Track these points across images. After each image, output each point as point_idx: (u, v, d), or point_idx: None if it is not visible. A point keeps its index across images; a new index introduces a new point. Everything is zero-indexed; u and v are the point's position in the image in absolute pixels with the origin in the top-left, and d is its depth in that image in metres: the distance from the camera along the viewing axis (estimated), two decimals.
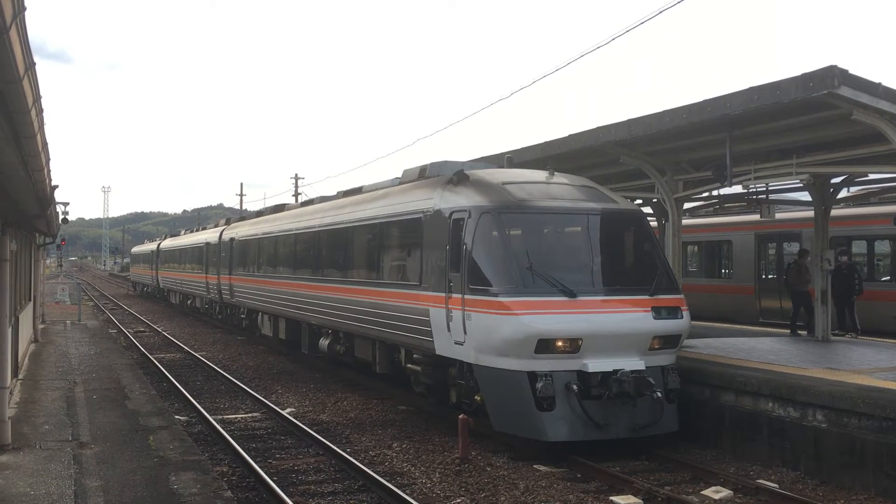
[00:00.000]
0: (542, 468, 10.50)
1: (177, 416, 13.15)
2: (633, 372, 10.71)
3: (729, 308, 22.38)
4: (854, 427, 9.76)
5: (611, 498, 9.30)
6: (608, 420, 10.63)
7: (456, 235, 11.76)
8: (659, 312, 11.24)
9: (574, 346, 10.68)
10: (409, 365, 13.67)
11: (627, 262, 12.53)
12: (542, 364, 10.61)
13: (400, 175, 15.96)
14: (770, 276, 22.57)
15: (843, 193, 17.78)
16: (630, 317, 11.07)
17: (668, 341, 11.35)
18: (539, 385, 10.47)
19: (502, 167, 14.18)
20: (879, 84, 10.61)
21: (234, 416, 14.14)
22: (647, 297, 11.30)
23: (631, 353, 10.96)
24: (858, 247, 20.23)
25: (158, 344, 26.07)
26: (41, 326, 25.14)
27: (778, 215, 19.33)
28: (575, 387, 10.57)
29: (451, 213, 12.04)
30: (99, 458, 9.26)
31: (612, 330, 10.87)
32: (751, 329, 18.80)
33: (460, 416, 11.03)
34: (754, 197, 17.77)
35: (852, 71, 10.39)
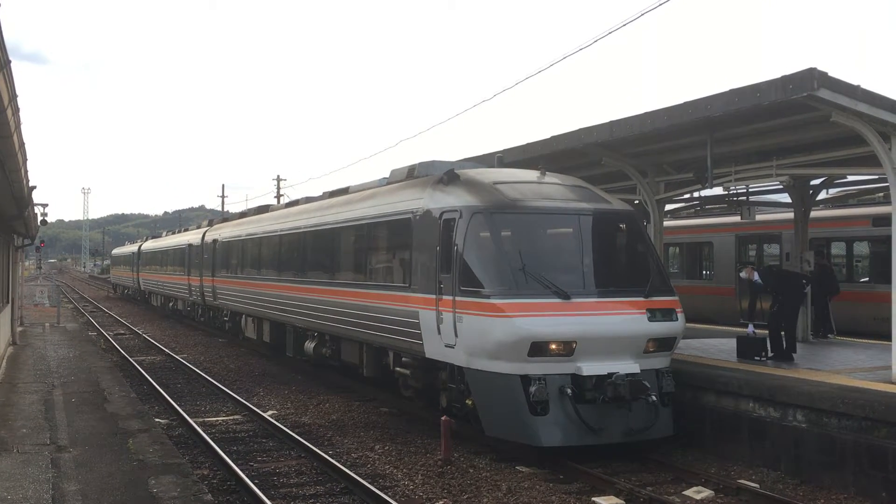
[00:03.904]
0: (524, 469, 10.51)
1: (157, 419, 13.05)
2: (628, 375, 10.51)
3: (710, 309, 22.49)
4: (834, 427, 9.83)
5: (593, 499, 9.32)
6: (603, 424, 10.41)
7: (446, 236, 11.54)
8: (654, 314, 11.01)
9: (568, 348, 10.46)
10: (398, 368, 13.39)
11: (621, 262, 12.34)
12: (536, 367, 10.39)
13: (386, 175, 15.81)
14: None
15: (822, 195, 17.93)
16: (625, 319, 10.85)
17: (663, 344, 11.16)
18: (532, 389, 10.25)
19: (492, 167, 13.97)
20: (858, 86, 10.69)
21: (215, 418, 14.05)
22: (641, 298, 11.09)
23: (625, 355, 10.76)
24: (837, 248, 20.39)
25: (139, 346, 25.88)
26: (19, 329, 24.87)
27: (758, 217, 19.44)
28: (569, 390, 10.36)
29: (442, 214, 11.82)
30: (77, 461, 9.16)
31: (607, 332, 10.66)
32: (731, 330, 18.88)
33: (443, 418, 11.01)
34: (735, 199, 17.87)
35: (832, 73, 10.47)
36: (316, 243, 17.41)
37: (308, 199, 20.62)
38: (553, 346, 10.43)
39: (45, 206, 24.24)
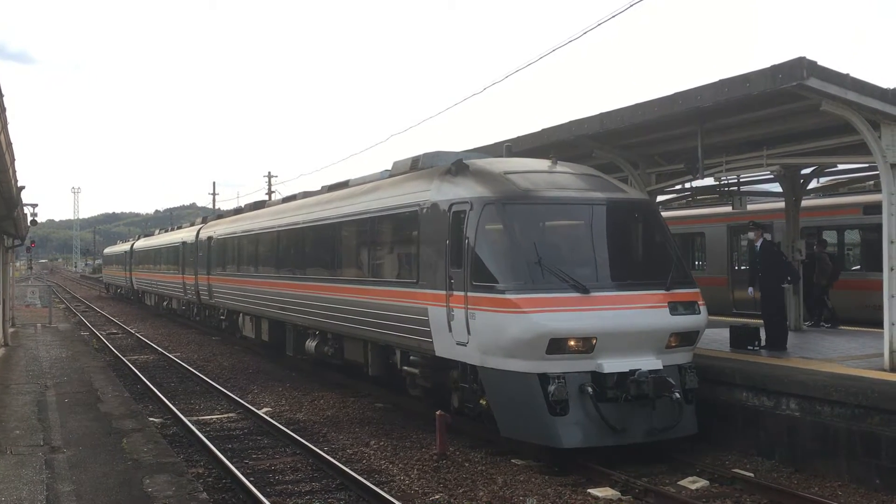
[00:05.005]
0: (519, 462, 10.52)
1: (151, 419, 13.02)
2: (651, 372, 10.08)
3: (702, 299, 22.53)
4: (827, 415, 9.87)
5: (588, 490, 9.33)
6: (625, 424, 9.97)
7: (456, 229, 11.09)
8: (676, 308, 10.58)
9: (588, 345, 10.02)
10: (406, 367, 12.91)
11: (640, 254, 11.87)
12: (554, 365, 9.94)
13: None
14: (743, 268, 22.77)
15: (812, 184, 17.97)
16: (646, 313, 10.38)
17: (686, 338, 10.73)
18: (551, 388, 9.79)
19: (499, 157, 13.50)
20: (847, 75, 10.71)
21: (209, 416, 14.02)
22: (662, 291, 10.62)
23: (647, 351, 10.33)
24: (829, 237, 20.45)
25: (132, 346, 25.81)
26: (11, 330, 24.77)
27: (749, 207, 19.48)
28: (590, 389, 9.91)
29: (451, 206, 11.34)
30: (71, 462, 9.13)
31: (628, 327, 10.20)
32: (724, 320, 18.94)
33: (437, 413, 10.99)
34: (726, 189, 17.90)
35: (821, 62, 10.48)
36: (316, 239, 16.93)
37: (306, 194, 20.13)
38: (572, 343, 9.97)
39: (34, 206, 24.21)
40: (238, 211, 26.97)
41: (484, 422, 11.19)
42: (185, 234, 31.83)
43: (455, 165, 11.86)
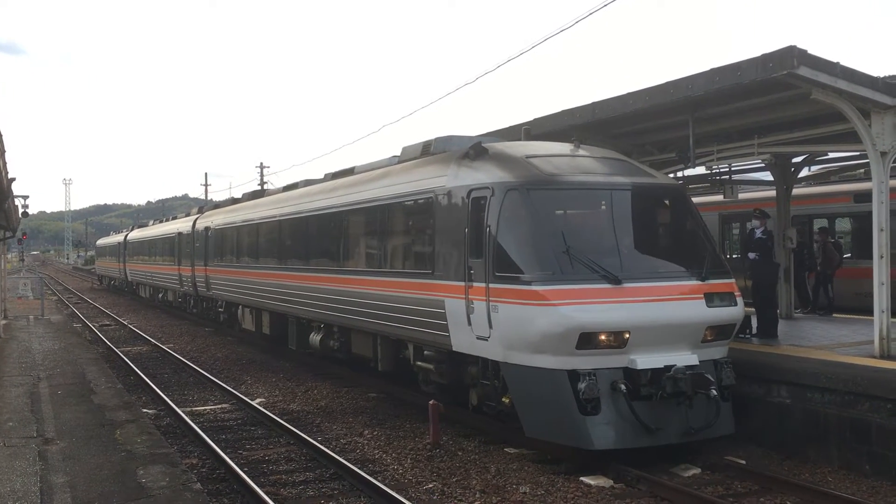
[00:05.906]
0: (512, 451, 10.57)
1: (144, 410, 13.04)
2: (688, 368, 9.55)
3: None
4: (817, 402, 9.94)
5: (581, 478, 9.38)
6: (660, 423, 9.43)
7: (476, 216, 10.52)
8: (712, 299, 9.99)
9: (620, 339, 9.44)
10: (419, 362, 12.36)
11: (673, 243, 11.36)
12: (585, 361, 9.37)
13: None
14: (734, 256, 22.84)
15: (804, 172, 18.03)
16: (681, 305, 9.80)
17: (722, 332, 10.17)
18: (582, 385, 9.22)
19: (517, 140, 13.03)
20: (837, 64, 10.73)
21: (203, 407, 14.04)
22: (698, 282, 10.04)
23: (682, 346, 9.77)
24: (820, 225, 20.55)
25: (125, 337, 25.77)
26: (3, 322, 24.73)
27: (741, 195, 19.53)
28: (623, 386, 9.36)
29: (470, 192, 10.75)
30: (65, 453, 9.14)
31: (663, 321, 9.61)
32: None
33: (430, 402, 11.02)
34: (717, 178, 17.93)
35: (811, 51, 10.50)
36: (322, 228, 16.34)
37: (308, 182, 19.59)
38: (603, 337, 9.40)
39: (26, 197, 24.24)
40: (235, 201, 26.40)
41: (505, 420, 10.88)
42: (182, 225, 31.42)
43: (473, 149, 11.25)
